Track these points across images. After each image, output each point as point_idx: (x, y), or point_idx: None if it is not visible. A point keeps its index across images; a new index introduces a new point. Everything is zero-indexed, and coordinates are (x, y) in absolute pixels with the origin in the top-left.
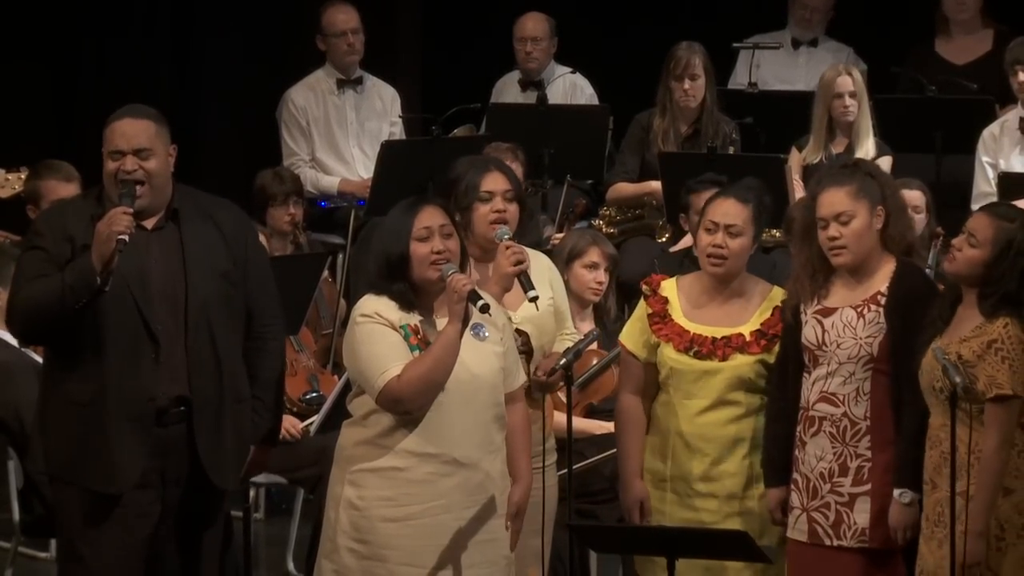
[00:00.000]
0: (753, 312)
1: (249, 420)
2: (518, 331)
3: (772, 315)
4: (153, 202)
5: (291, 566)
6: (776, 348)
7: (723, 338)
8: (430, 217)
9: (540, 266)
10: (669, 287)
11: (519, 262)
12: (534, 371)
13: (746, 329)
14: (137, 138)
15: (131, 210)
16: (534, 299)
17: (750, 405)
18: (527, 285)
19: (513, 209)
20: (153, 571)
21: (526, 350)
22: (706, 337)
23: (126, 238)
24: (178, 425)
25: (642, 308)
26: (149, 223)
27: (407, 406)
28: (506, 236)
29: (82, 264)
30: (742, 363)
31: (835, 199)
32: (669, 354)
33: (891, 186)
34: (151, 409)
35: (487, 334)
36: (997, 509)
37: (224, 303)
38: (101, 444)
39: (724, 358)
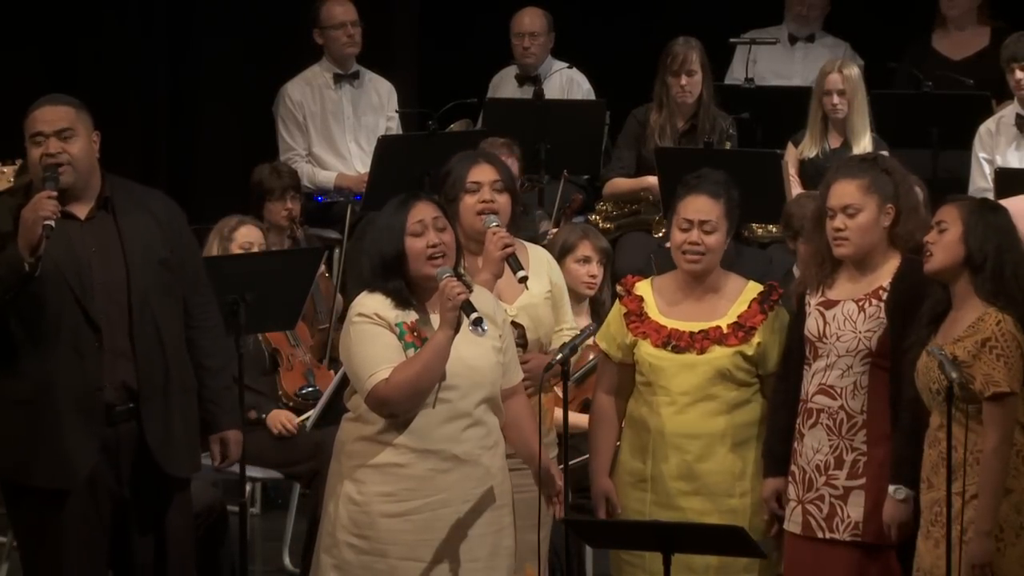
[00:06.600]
0: (729, 306)
1: (196, 408)
2: (513, 323)
3: (749, 308)
4: (78, 184)
5: (287, 561)
6: (754, 340)
7: (700, 332)
8: (422, 211)
9: (539, 259)
10: (643, 287)
11: (506, 246)
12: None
13: (723, 322)
14: (58, 120)
15: (55, 193)
16: (523, 279)
17: (730, 400)
18: (516, 267)
19: (503, 200)
20: (123, 564)
21: (522, 343)
22: (683, 332)
23: (52, 223)
24: (128, 423)
25: (617, 309)
26: (82, 213)
27: (393, 409)
28: (494, 224)
29: (8, 254)
30: (720, 355)
31: (845, 191)
32: (647, 351)
33: (906, 185)
34: (99, 400)
35: (486, 328)
36: None
37: (165, 291)
38: (51, 439)
39: (702, 351)
